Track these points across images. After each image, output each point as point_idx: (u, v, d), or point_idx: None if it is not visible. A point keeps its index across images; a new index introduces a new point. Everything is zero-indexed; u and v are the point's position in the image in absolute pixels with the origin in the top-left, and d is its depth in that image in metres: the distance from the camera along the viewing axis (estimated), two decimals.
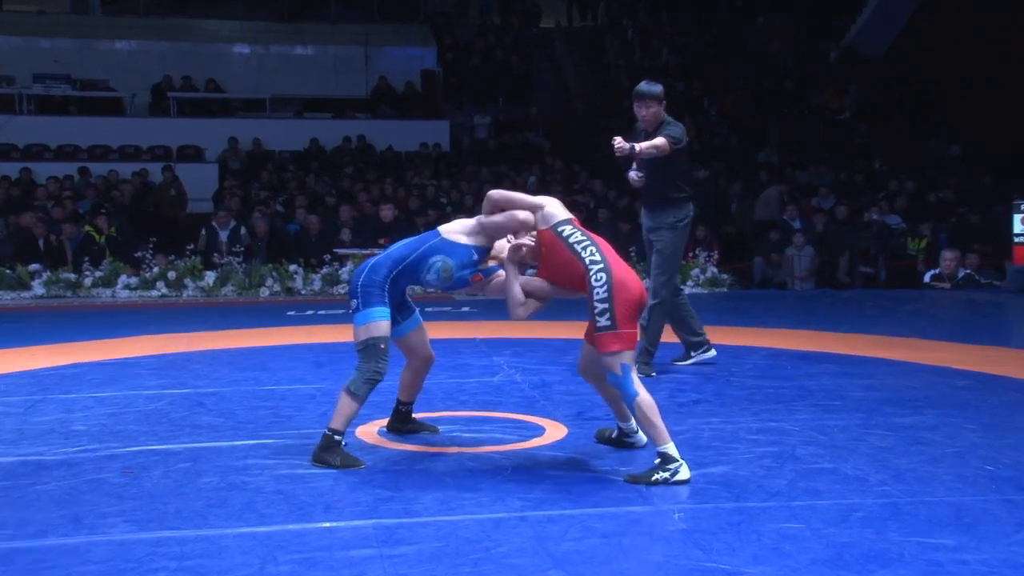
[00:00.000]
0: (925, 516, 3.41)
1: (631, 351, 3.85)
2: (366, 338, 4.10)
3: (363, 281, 4.15)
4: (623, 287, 3.83)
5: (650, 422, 3.79)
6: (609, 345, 3.80)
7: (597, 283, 3.82)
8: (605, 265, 3.85)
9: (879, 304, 10.08)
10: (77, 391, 5.72)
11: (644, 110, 5.72)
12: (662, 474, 3.76)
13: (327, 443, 4.11)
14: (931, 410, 5.07)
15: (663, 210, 6.03)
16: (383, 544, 3.16)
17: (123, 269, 11.31)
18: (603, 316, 3.80)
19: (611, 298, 3.80)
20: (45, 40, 18.12)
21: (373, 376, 4.10)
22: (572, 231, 3.97)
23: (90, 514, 3.47)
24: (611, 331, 3.79)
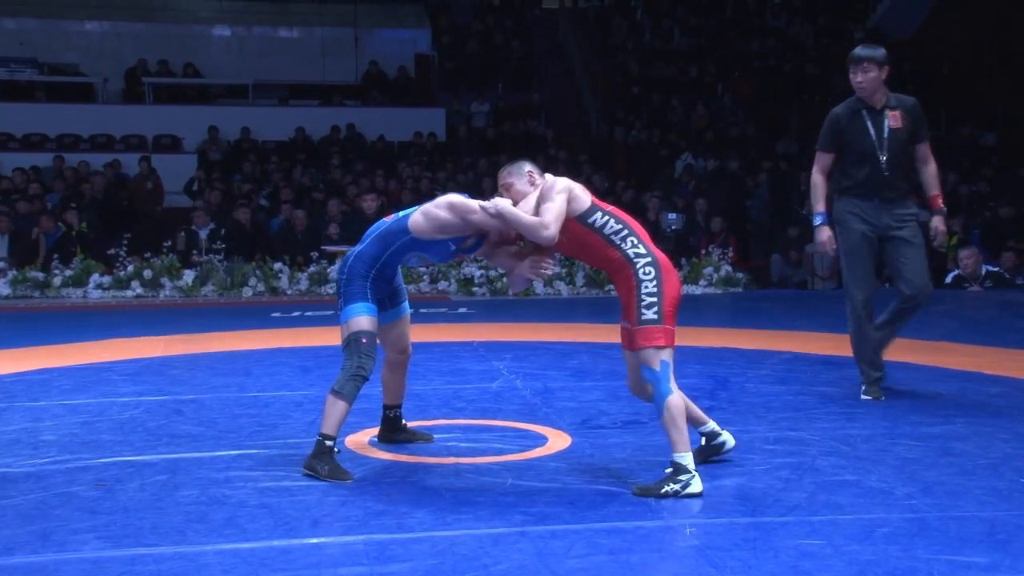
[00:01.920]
0: (955, 532, 3.41)
1: (672, 349, 3.89)
2: (347, 334, 4.18)
3: (344, 277, 4.28)
4: (669, 279, 3.92)
5: (676, 426, 3.83)
6: (654, 339, 3.83)
7: (646, 276, 3.87)
8: (652, 258, 3.91)
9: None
10: (46, 398, 5.72)
11: (860, 75, 5.60)
12: (672, 486, 3.78)
13: (318, 449, 4.13)
14: (962, 419, 5.08)
15: (908, 198, 5.71)
16: (374, 561, 3.17)
17: (95, 268, 11.31)
18: (651, 309, 3.85)
19: (660, 291, 3.86)
20: (9, 20, 18.13)
21: (356, 372, 4.12)
22: (605, 219, 3.97)
23: (60, 530, 3.48)
24: (657, 325, 3.83)
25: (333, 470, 4.09)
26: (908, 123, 5.58)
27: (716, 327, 8.75)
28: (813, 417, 5.12)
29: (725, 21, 20.86)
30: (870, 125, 5.57)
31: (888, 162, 5.53)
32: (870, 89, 5.58)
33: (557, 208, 3.92)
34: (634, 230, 3.98)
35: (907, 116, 5.60)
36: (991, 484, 3.95)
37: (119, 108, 17.33)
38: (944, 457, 4.36)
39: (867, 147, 5.56)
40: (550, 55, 20.55)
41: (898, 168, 5.55)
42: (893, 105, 5.61)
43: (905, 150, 5.57)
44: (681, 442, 3.82)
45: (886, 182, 5.55)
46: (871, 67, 5.57)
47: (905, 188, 5.60)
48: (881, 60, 5.60)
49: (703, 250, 12.19)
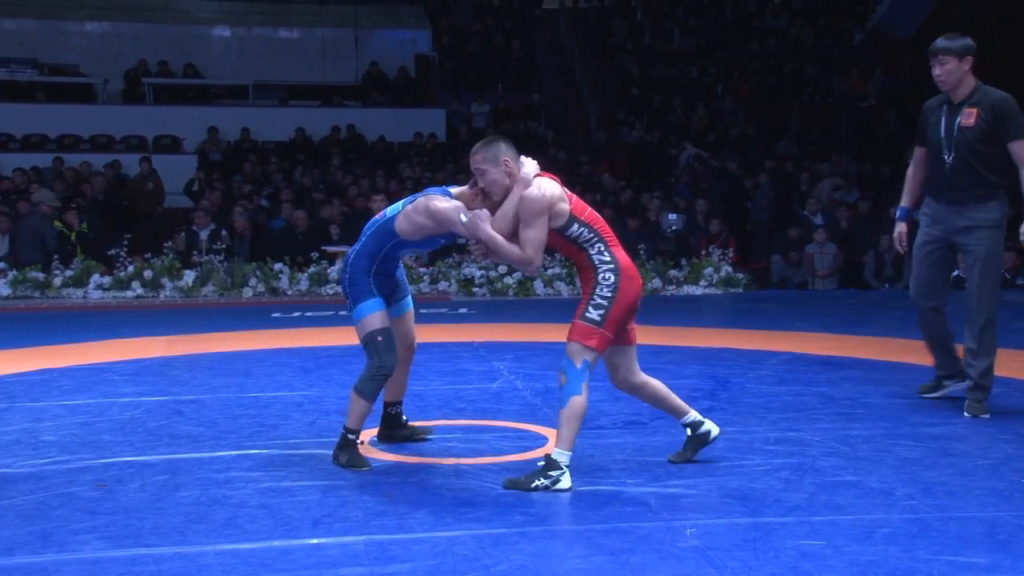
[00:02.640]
0: (956, 533, 3.42)
1: (600, 353, 3.97)
2: (363, 334, 4.30)
3: (348, 276, 4.34)
4: (629, 286, 3.99)
5: (570, 424, 3.92)
6: (587, 338, 3.92)
7: (605, 281, 3.98)
8: (615, 265, 4.00)
9: (906, 306, 10.05)
10: (46, 399, 5.73)
11: (938, 68, 5.31)
12: (543, 480, 3.89)
13: (342, 441, 4.31)
14: (962, 419, 5.09)
15: (982, 203, 5.21)
16: (374, 562, 3.17)
17: (95, 268, 11.31)
18: (597, 311, 3.95)
19: (613, 298, 3.96)
20: (9, 21, 18.13)
21: (378, 372, 4.26)
22: (580, 230, 4.02)
23: (60, 530, 3.48)
24: (596, 326, 3.93)
25: (352, 459, 4.26)
26: (985, 121, 5.16)
27: (716, 327, 8.76)
28: (813, 418, 5.12)
29: (725, 22, 20.88)
30: (944, 121, 5.28)
31: (953, 162, 5.21)
32: (949, 82, 5.27)
33: (539, 239, 3.98)
34: (603, 237, 4.04)
35: (986, 113, 5.17)
36: (991, 485, 3.96)
37: (119, 109, 17.33)
38: (944, 458, 4.37)
39: (935, 144, 5.30)
40: (550, 56, 20.55)
41: (965, 169, 5.19)
42: (974, 101, 5.22)
43: (976, 150, 5.17)
44: (568, 440, 3.92)
45: (949, 183, 5.25)
46: (948, 59, 5.27)
47: (976, 191, 5.19)
48: (960, 51, 5.27)
49: (703, 251, 12.19)
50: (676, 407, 4.25)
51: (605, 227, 4.09)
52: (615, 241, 4.09)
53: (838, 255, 12.45)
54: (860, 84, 18.58)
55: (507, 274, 11.44)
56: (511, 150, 4.12)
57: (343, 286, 4.39)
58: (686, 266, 11.81)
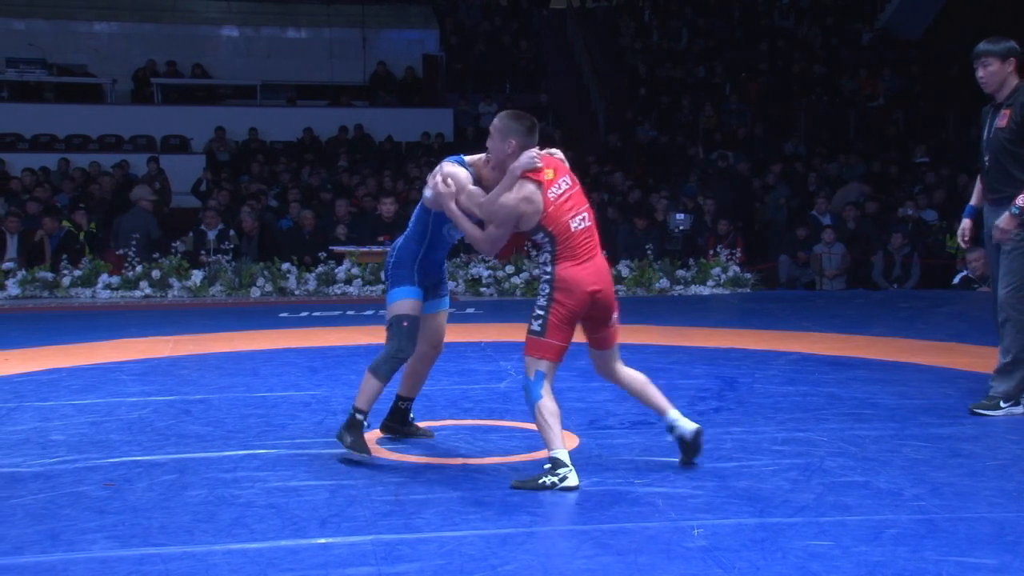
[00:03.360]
0: (964, 533, 3.41)
1: (551, 361, 4.06)
2: (390, 316, 4.36)
3: (393, 260, 4.44)
4: (564, 300, 4.04)
5: (547, 426, 3.98)
6: (531, 350, 4.07)
7: (541, 291, 4.09)
8: (552, 277, 4.06)
9: (914, 306, 10.06)
10: (55, 398, 5.74)
11: (981, 70, 5.30)
12: (550, 478, 3.91)
13: (349, 421, 4.33)
14: (971, 420, 5.08)
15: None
16: (382, 561, 3.17)
17: (104, 268, 11.34)
18: (536, 321, 4.06)
19: (548, 308, 4.05)
20: (18, 21, 18.18)
21: (395, 354, 4.30)
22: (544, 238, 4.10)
23: (69, 530, 3.49)
24: (539, 337, 4.05)
25: (355, 442, 4.27)
26: (1015, 121, 5.16)
27: (724, 328, 8.75)
28: (821, 418, 5.12)
29: (733, 22, 20.85)
30: (987, 122, 5.33)
31: (988, 163, 5.28)
32: (992, 84, 5.27)
33: (499, 236, 4.16)
34: (556, 250, 4.07)
35: (1015, 114, 5.16)
36: (1000, 485, 3.95)
37: (128, 109, 17.38)
38: (953, 458, 4.36)
39: (981, 147, 5.39)
40: (558, 56, 20.55)
41: (997, 170, 5.23)
42: (1010, 102, 5.21)
43: (1007, 151, 5.18)
44: (553, 440, 3.97)
45: (987, 184, 5.33)
46: (991, 61, 5.25)
47: (1007, 191, 5.18)
48: (1003, 53, 5.23)
49: (711, 251, 12.17)
50: (654, 403, 4.31)
51: (569, 238, 4.07)
52: (574, 253, 4.07)
53: (846, 255, 12.43)
54: (868, 84, 18.55)
55: (514, 274, 11.44)
56: (524, 136, 4.16)
57: (385, 269, 4.48)
58: (694, 266, 11.80)
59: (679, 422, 4.23)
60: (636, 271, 11.58)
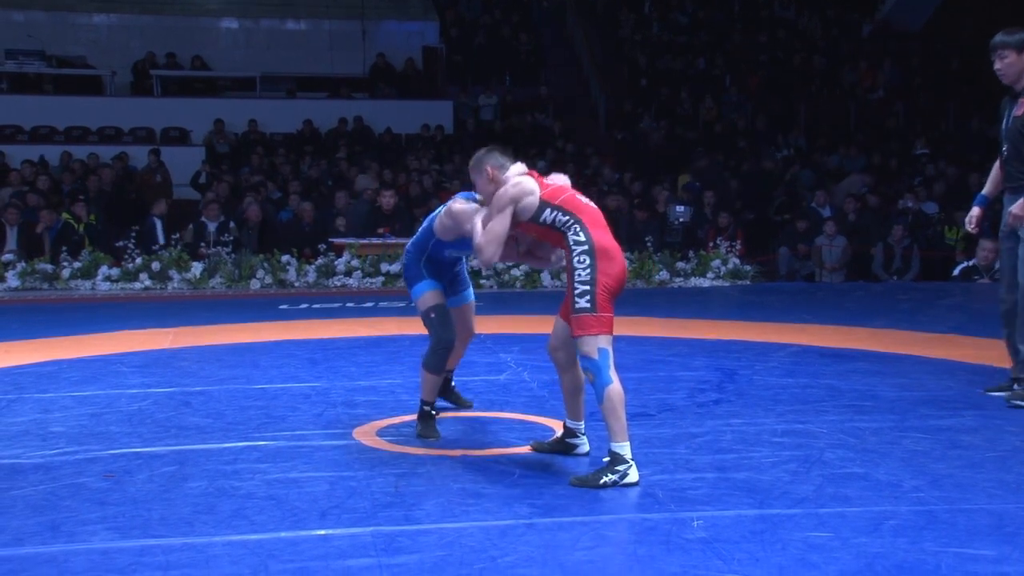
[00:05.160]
0: (964, 525, 3.41)
1: (609, 335, 3.92)
2: (420, 313, 4.67)
3: (405, 263, 4.79)
4: (607, 267, 3.94)
5: (616, 414, 3.86)
6: (588, 327, 3.88)
7: (580, 264, 3.93)
8: (589, 246, 3.96)
9: (914, 298, 10.06)
10: (55, 390, 5.74)
11: (998, 62, 5.35)
12: (611, 476, 3.84)
13: (419, 413, 4.69)
14: (970, 411, 5.08)
15: None
16: (382, 553, 3.17)
17: (104, 260, 11.33)
18: (583, 298, 3.90)
19: (593, 279, 3.91)
20: (17, 13, 18.13)
21: (437, 345, 4.59)
22: (553, 214, 4.04)
23: (69, 521, 3.49)
24: (590, 314, 3.89)
25: (424, 429, 4.63)
26: None
27: (724, 320, 8.75)
28: (821, 410, 5.12)
29: (733, 13, 20.82)
30: (1005, 112, 5.41)
31: (1007, 152, 5.37)
32: (1009, 75, 5.33)
33: (496, 231, 4.08)
34: (580, 218, 4.02)
35: None
36: (999, 477, 3.95)
37: (127, 101, 17.35)
38: (952, 450, 4.36)
39: (998, 137, 5.46)
40: (558, 48, 20.51)
41: (1014, 158, 5.31)
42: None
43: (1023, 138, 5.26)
44: (619, 431, 3.87)
45: (1006, 173, 5.40)
46: (1007, 52, 5.31)
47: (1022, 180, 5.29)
48: (1019, 44, 5.29)
49: (711, 243, 12.16)
50: (574, 408, 4.28)
51: (584, 210, 4.06)
52: (596, 223, 4.04)
53: (847, 248, 12.42)
54: (869, 76, 18.53)
55: (514, 266, 11.43)
56: (496, 157, 4.22)
57: (404, 276, 4.83)
58: (694, 258, 11.79)
59: (581, 439, 4.31)
60: (636, 263, 11.58)
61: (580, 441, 4.30)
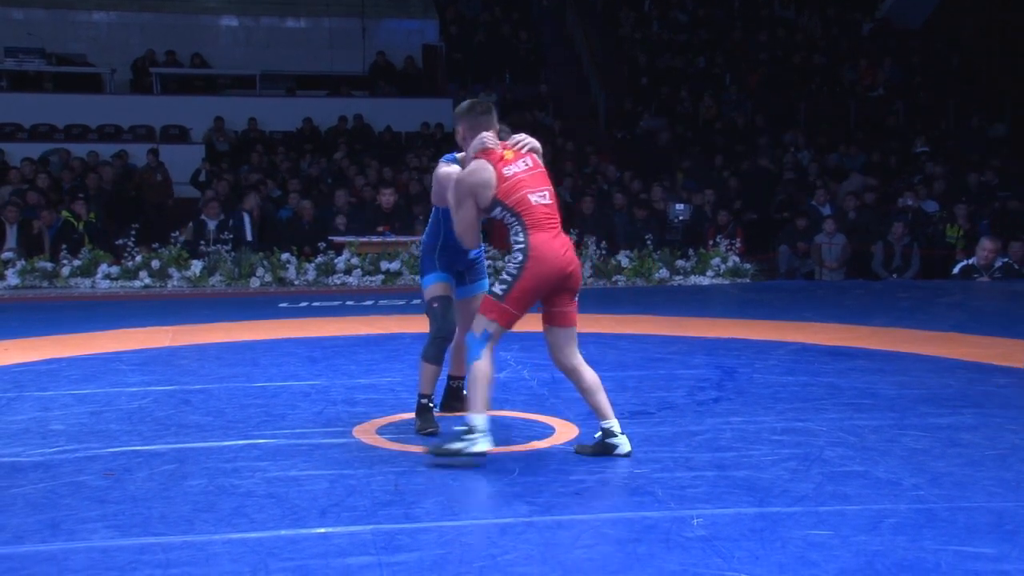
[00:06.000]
0: (963, 523, 3.41)
1: (501, 327, 4.12)
2: (424, 303, 4.71)
3: (420, 252, 4.86)
4: (536, 269, 4.07)
5: (476, 387, 4.08)
6: (488, 310, 4.13)
7: (512, 260, 4.13)
8: (525, 246, 4.10)
9: (914, 296, 10.06)
10: (55, 388, 5.74)
11: None
12: (459, 444, 4.04)
13: (417, 407, 4.71)
14: (970, 410, 5.07)
15: None
16: (382, 551, 3.17)
17: (103, 258, 11.33)
18: (501, 286, 4.11)
19: (517, 276, 4.08)
20: (17, 11, 18.12)
21: (436, 335, 4.61)
22: (502, 213, 4.16)
23: (69, 519, 3.49)
24: (497, 300, 4.10)
25: (422, 423, 4.65)
26: None
27: (723, 318, 8.75)
28: (821, 408, 5.12)
29: (733, 12, 20.81)
30: None
31: None
32: None
33: (464, 219, 4.25)
34: (524, 220, 4.12)
35: None
36: (999, 475, 3.95)
37: (127, 98, 17.34)
38: (952, 448, 4.36)
39: None
40: (558, 46, 20.50)
41: None
42: None
43: None
44: (477, 404, 4.06)
45: None
46: None
47: None
48: None
49: (710, 241, 12.16)
50: (599, 406, 4.25)
51: (532, 211, 4.13)
52: (541, 224, 4.12)
53: (846, 246, 12.42)
54: (869, 74, 18.51)
55: None
56: (467, 117, 4.37)
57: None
58: (693, 256, 11.79)
59: (620, 439, 4.20)
60: (636, 261, 11.58)
61: (619, 441, 4.19)
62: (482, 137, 4.26)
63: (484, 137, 4.26)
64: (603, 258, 11.67)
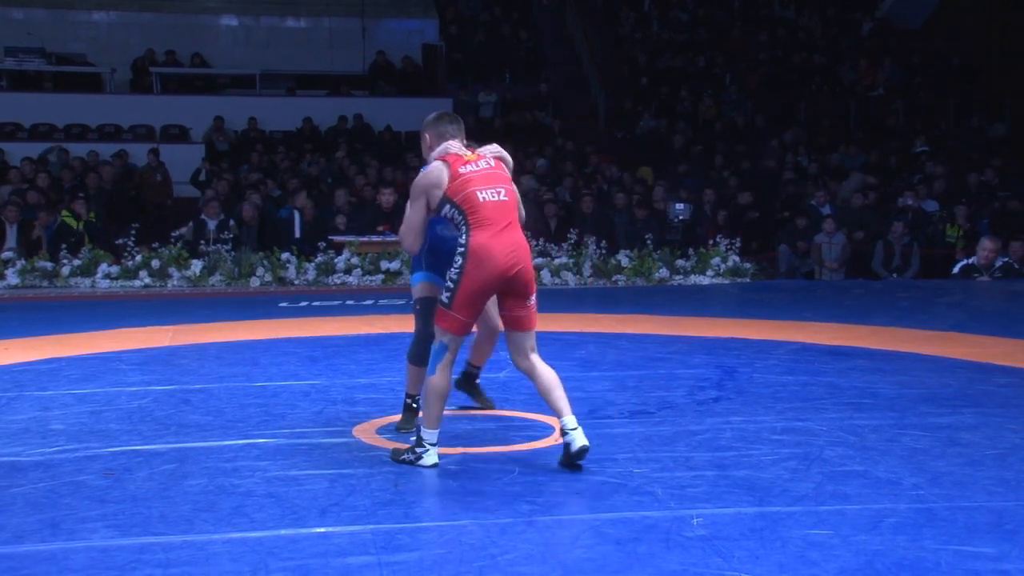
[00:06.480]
0: (963, 522, 3.41)
1: (455, 336, 4.09)
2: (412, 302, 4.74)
3: None
4: (476, 271, 4.03)
5: (429, 403, 4.09)
6: (439, 319, 4.12)
7: (454, 264, 4.10)
8: (466, 249, 4.06)
9: (914, 296, 10.06)
10: (54, 388, 5.74)
11: None
12: (409, 456, 4.10)
13: (403, 407, 4.75)
14: (970, 409, 5.07)
15: None
16: (382, 550, 3.17)
17: (103, 257, 11.33)
18: (446, 293, 4.09)
19: (459, 280, 4.05)
20: (17, 11, 18.13)
21: (418, 336, 4.62)
22: (452, 211, 4.14)
23: (69, 518, 3.49)
24: (445, 308, 4.09)
25: (404, 422, 4.69)
26: None
27: (723, 317, 8.74)
28: (821, 407, 5.12)
29: (733, 11, 20.81)
30: None
31: None
32: None
33: (412, 220, 4.28)
34: (469, 220, 4.08)
35: None
36: (999, 474, 3.95)
37: (127, 98, 17.34)
38: (952, 447, 4.36)
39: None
40: (558, 46, 20.50)
41: None
42: None
43: None
44: (430, 419, 4.08)
45: None
46: None
47: None
48: None
49: (710, 240, 12.15)
50: (554, 404, 4.11)
51: (479, 208, 4.08)
52: (485, 223, 4.07)
53: (846, 245, 12.42)
54: (869, 74, 18.52)
55: None
56: (440, 125, 4.39)
57: None
58: (693, 256, 11.79)
59: (573, 433, 4.01)
60: (636, 261, 11.57)
61: (572, 437, 4.00)
62: (447, 144, 4.27)
63: (448, 144, 4.27)
64: (603, 258, 11.68)
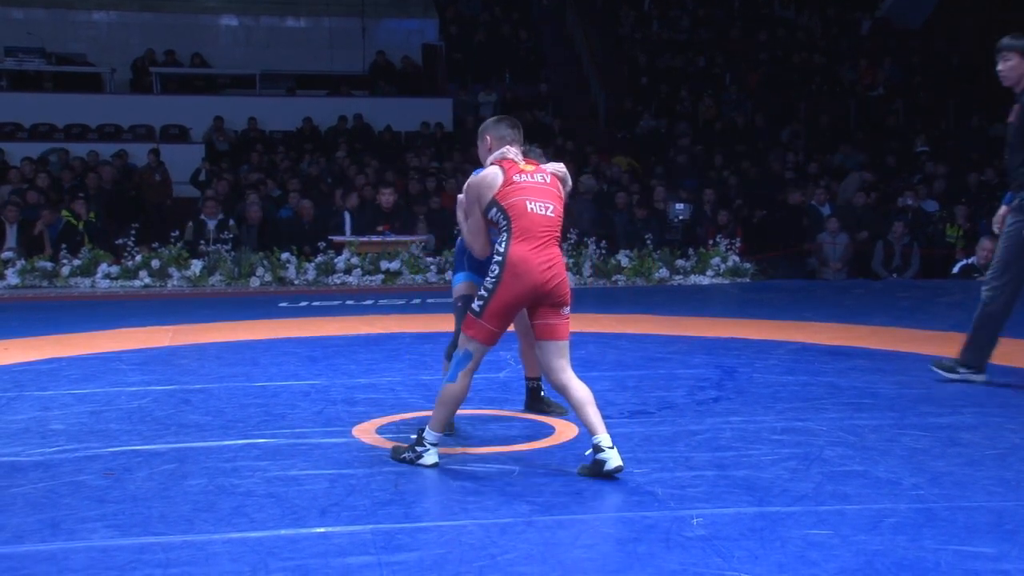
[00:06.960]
0: (963, 522, 3.41)
1: (481, 344, 4.07)
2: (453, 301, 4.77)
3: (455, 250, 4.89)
4: (512, 283, 3.99)
5: (442, 406, 4.09)
6: (467, 327, 4.10)
7: (490, 273, 4.05)
8: (503, 259, 4.01)
9: (914, 296, 10.06)
10: (54, 388, 5.74)
11: (1000, 63, 5.51)
12: (409, 454, 4.11)
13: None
14: (970, 409, 5.07)
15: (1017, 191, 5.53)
16: (381, 551, 3.17)
17: (103, 257, 11.33)
18: (479, 302, 4.06)
19: (494, 291, 4.01)
20: (17, 11, 18.14)
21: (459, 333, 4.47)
22: (497, 215, 4.10)
23: (69, 519, 3.49)
24: (476, 316, 4.05)
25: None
26: (1017, 116, 5.46)
27: (723, 317, 8.75)
28: (820, 407, 5.12)
29: (733, 11, 20.82)
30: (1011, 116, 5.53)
31: (1008, 154, 5.57)
32: (1010, 79, 5.49)
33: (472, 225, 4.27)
34: (512, 227, 4.04)
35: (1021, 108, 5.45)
36: (999, 474, 3.95)
37: (127, 98, 17.36)
38: (952, 447, 4.36)
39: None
40: (558, 46, 20.51)
41: (1012, 162, 5.51)
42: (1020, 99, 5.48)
43: (1012, 144, 5.48)
44: (437, 421, 4.09)
45: (1008, 174, 5.58)
46: (1010, 56, 5.47)
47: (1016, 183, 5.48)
48: (1022, 48, 5.45)
49: (710, 240, 12.16)
50: (587, 421, 3.99)
51: (523, 216, 4.03)
52: (527, 235, 4.01)
53: (849, 245, 12.43)
54: (869, 74, 18.52)
55: None
56: (501, 128, 4.33)
57: None
58: (693, 256, 11.79)
59: (609, 452, 3.87)
60: (636, 261, 11.58)
61: (607, 456, 3.86)
62: (505, 149, 4.22)
63: (507, 148, 4.23)
64: (603, 257, 11.68)
